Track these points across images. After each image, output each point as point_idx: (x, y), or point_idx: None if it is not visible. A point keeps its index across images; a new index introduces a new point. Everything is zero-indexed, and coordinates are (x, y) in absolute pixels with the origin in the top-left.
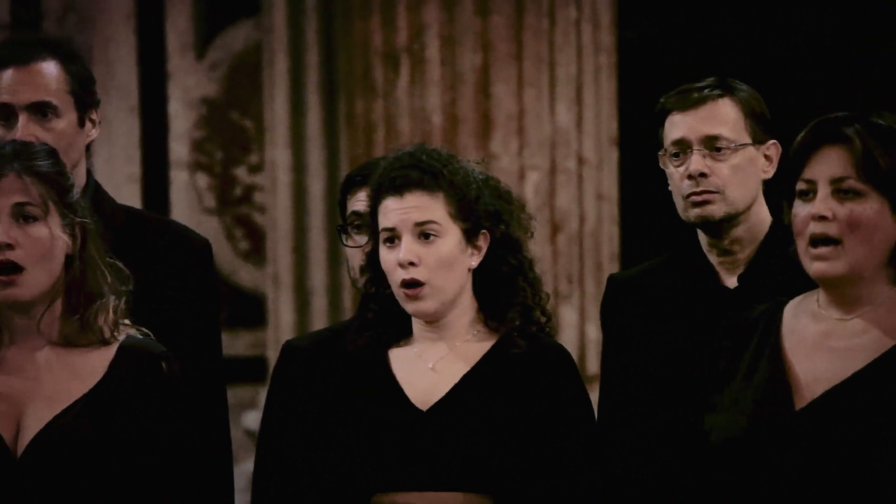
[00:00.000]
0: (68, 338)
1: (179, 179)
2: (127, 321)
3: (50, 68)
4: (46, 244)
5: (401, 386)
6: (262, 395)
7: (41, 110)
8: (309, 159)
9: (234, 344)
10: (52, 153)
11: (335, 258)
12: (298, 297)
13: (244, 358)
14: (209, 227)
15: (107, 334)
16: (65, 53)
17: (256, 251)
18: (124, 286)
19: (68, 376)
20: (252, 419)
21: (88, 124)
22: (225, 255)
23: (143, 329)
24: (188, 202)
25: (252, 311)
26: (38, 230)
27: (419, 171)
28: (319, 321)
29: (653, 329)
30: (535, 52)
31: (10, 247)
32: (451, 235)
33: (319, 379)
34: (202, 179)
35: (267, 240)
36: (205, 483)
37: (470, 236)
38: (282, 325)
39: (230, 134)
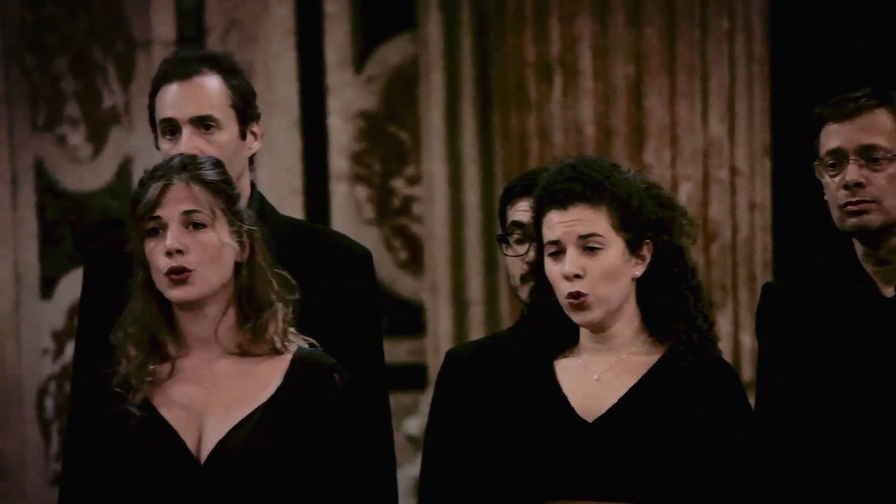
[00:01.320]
0: (242, 347)
1: (339, 191)
2: (293, 330)
3: (212, 83)
4: (215, 249)
5: (566, 397)
6: (423, 401)
7: (204, 124)
8: (464, 171)
9: (395, 351)
10: (219, 164)
11: (491, 268)
12: (456, 306)
13: (404, 365)
14: (368, 238)
15: (278, 344)
16: (226, 68)
17: (415, 261)
18: (290, 295)
19: (245, 385)
20: (413, 425)
21: (250, 137)
22: (384, 265)
23: (310, 339)
24: (348, 213)
25: (411, 319)
26: (207, 236)
27: (582, 183)
28: (476, 330)
29: (809, 338)
30: (687, 63)
31: (180, 252)
32: (614, 247)
33: (482, 387)
34: (361, 191)
35: (425, 250)
36: (373, 489)
37: (633, 246)
38: (440, 333)
39: (388, 146)
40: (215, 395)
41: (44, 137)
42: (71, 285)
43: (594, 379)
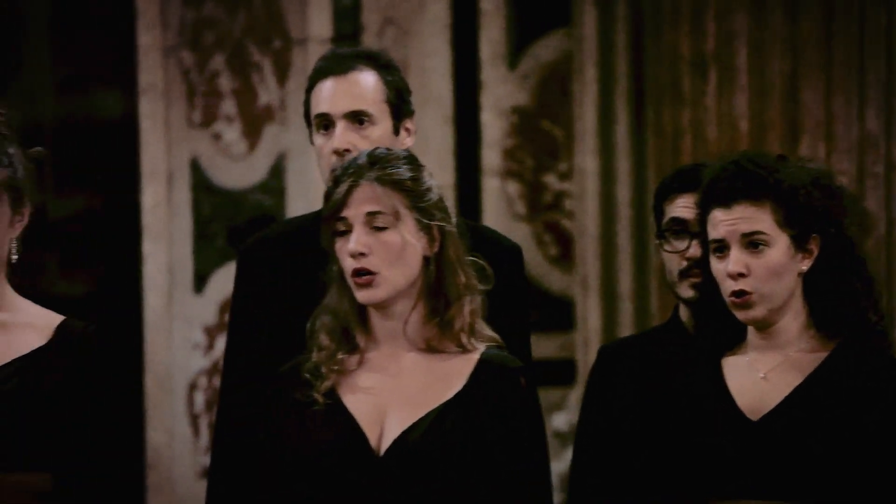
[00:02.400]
0: (430, 343)
1: (491, 187)
2: (482, 325)
3: (367, 78)
4: (398, 250)
5: (732, 395)
6: (571, 397)
7: (358, 118)
8: (617, 166)
9: (544, 347)
10: (410, 159)
11: (642, 263)
12: (606, 302)
13: (553, 360)
14: (519, 233)
15: (464, 340)
16: (382, 64)
17: (565, 256)
18: (483, 284)
19: (430, 382)
20: (561, 421)
21: (403, 133)
22: (535, 261)
23: (495, 335)
24: (499, 209)
25: (561, 314)
26: (390, 237)
27: (745, 180)
28: (626, 325)
29: None
30: (844, 58)
31: (363, 255)
32: (779, 244)
33: (636, 383)
34: (513, 187)
35: (575, 245)
36: (532, 487)
37: (799, 242)
38: (590, 328)
39: (540, 142)
40: (400, 389)
41: (199, 134)
42: (223, 281)
43: (760, 377)
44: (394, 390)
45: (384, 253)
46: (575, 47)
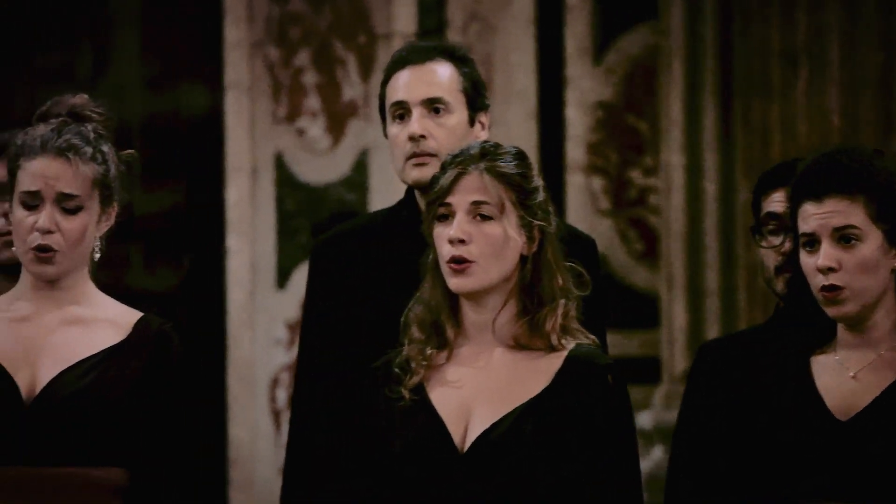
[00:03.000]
0: (518, 339)
1: (575, 182)
2: (577, 326)
3: (443, 68)
4: (499, 242)
5: (820, 394)
6: (656, 395)
7: (434, 106)
8: (703, 162)
9: (628, 344)
10: (520, 155)
11: (728, 259)
12: (692, 299)
13: (638, 358)
14: (603, 229)
15: (554, 341)
16: (458, 56)
17: (650, 253)
18: (580, 290)
19: (517, 379)
20: (645, 419)
21: (478, 126)
22: (619, 257)
23: (591, 336)
24: (583, 204)
25: (646, 312)
26: (492, 228)
27: (838, 174)
28: (712, 322)
29: None
30: None
31: (463, 242)
32: (871, 239)
33: (736, 382)
34: (597, 182)
35: (661, 242)
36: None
37: (893, 237)
38: (675, 326)
39: (625, 137)
40: (486, 385)
41: (284, 130)
42: (306, 276)
43: (850, 376)
44: (480, 386)
45: (484, 243)
46: (661, 41)
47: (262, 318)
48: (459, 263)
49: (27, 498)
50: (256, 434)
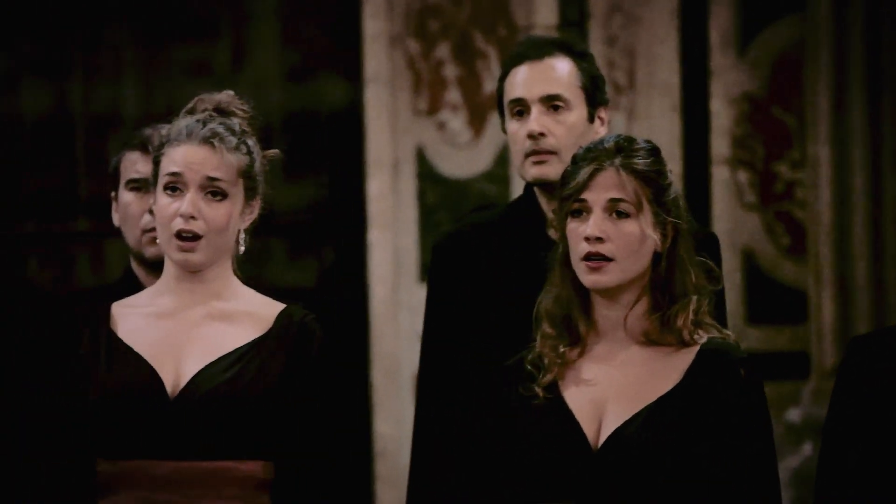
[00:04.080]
0: (649, 335)
1: (720, 176)
2: (709, 321)
3: (562, 64)
4: (635, 240)
5: None
6: (805, 390)
7: (553, 103)
8: (852, 155)
9: (776, 339)
10: (654, 151)
11: (878, 254)
12: (840, 293)
13: (786, 353)
14: (750, 223)
15: (686, 337)
16: (576, 52)
17: (798, 247)
18: (712, 286)
19: (649, 375)
20: (794, 415)
21: (597, 121)
22: (766, 251)
23: (725, 330)
24: (729, 198)
25: (793, 306)
26: (629, 226)
27: None
28: (861, 317)
29: None
30: None
31: (600, 240)
32: None
33: (888, 375)
34: (743, 175)
35: (808, 235)
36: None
37: None
38: (823, 321)
39: (771, 130)
40: (619, 382)
41: (425, 123)
42: None
43: None
44: (613, 383)
45: (622, 241)
46: (808, 33)
47: (405, 312)
48: (596, 261)
49: (175, 492)
50: (401, 428)
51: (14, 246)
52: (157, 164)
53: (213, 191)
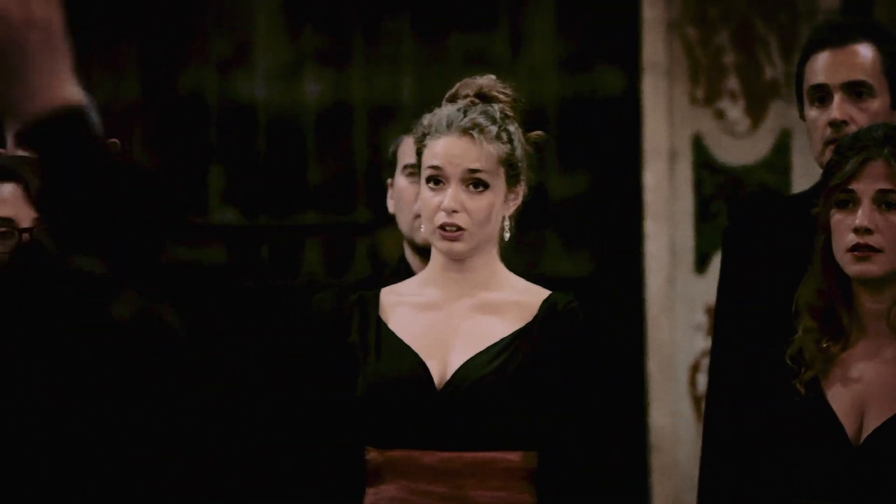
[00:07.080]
0: None
1: None
2: None
3: (865, 50)
4: None
5: None
6: None
7: (856, 90)
8: None
9: None
10: None
11: None
12: None
13: None
14: None
15: None
16: (880, 35)
17: None
18: None
19: None
20: None
21: None
22: None
23: None
24: None
25: None
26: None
27: None
28: None
29: None
30: None
31: (869, 232)
32: None
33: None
34: None
35: None
36: None
37: None
38: None
39: None
40: (882, 379)
41: (702, 111)
42: None
43: None
44: (876, 380)
45: (890, 233)
46: None
47: (682, 303)
48: (863, 251)
49: (440, 482)
50: (677, 420)
51: (297, 236)
52: (419, 154)
53: (475, 182)
